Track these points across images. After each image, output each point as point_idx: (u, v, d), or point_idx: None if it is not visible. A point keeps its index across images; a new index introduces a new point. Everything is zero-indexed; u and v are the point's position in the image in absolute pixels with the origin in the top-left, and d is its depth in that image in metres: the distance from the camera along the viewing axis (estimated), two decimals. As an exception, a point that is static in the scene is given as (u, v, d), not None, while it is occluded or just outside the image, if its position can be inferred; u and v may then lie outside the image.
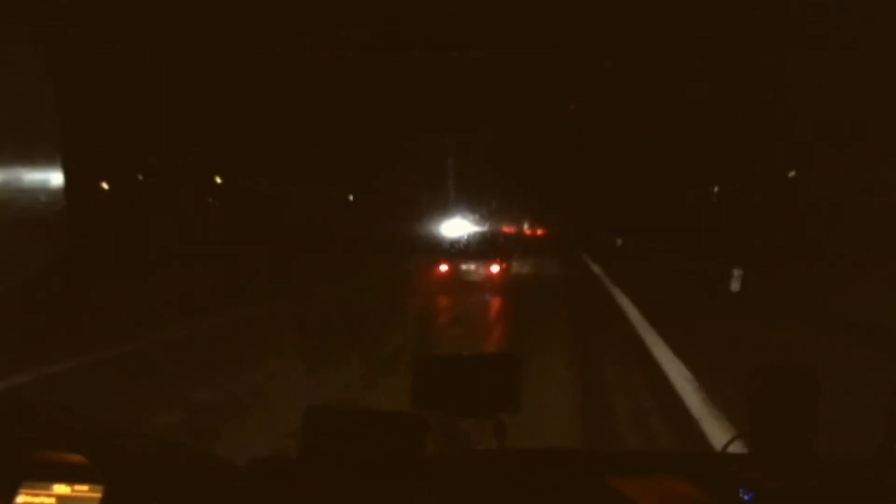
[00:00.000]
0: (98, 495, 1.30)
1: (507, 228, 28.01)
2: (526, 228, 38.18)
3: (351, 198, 29.88)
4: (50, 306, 7.84)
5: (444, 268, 14.84)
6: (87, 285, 10.22)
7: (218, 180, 22.45)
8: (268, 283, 14.17)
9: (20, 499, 1.34)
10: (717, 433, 4.62)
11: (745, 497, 1.39)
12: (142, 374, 6.53)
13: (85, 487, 1.32)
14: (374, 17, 9.28)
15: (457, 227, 23.19)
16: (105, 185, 17.63)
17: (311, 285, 14.39)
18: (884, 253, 11.26)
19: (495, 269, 14.91)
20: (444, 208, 25.29)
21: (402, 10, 9.08)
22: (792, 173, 17.94)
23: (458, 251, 15.58)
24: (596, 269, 21.49)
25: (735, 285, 13.51)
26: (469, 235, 17.46)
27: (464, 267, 14.63)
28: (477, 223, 20.95)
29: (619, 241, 34.17)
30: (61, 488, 1.33)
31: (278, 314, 10.45)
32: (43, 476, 1.34)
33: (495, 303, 12.93)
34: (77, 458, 1.27)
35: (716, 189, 25.74)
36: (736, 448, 1.65)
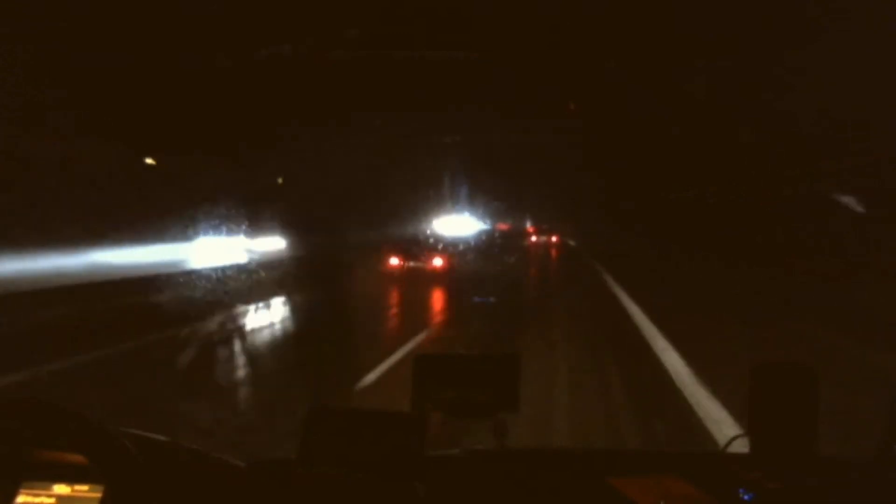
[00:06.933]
0: (98, 495, 1.30)
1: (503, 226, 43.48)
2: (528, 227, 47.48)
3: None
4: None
5: (533, 238, 42.32)
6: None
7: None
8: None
9: (20, 499, 1.34)
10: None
11: (745, 497, 1.39)
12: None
13: (85, 487, 1.32)
14: (372, 16, 9.26)
15: (462, 225, 26.41)
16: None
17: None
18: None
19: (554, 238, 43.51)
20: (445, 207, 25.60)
21: (401, 10, 9.06)
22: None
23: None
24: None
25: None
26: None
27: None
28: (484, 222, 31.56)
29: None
30: (61, 488, 1.33)
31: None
32: (43, 476, 1.34)
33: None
34: (77, 458, 1.27)
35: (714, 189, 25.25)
36: (736, 448, 1.64)
